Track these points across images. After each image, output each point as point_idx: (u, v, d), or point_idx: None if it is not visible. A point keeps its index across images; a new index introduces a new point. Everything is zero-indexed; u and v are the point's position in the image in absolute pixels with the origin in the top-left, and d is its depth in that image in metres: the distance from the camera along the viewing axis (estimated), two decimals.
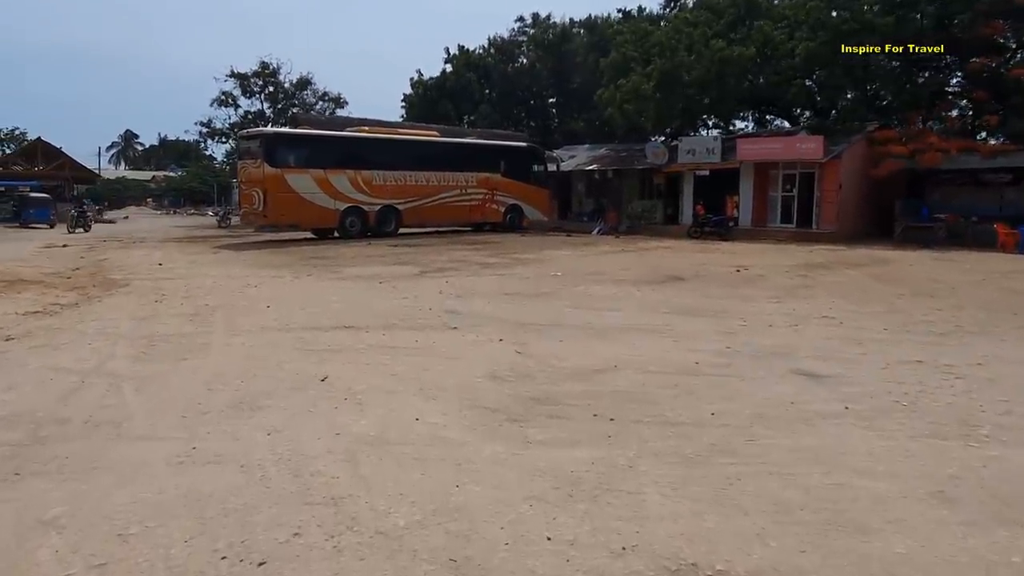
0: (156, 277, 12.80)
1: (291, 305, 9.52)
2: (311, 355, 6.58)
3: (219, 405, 5.03)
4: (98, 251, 19.05)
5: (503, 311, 9.15)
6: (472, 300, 10.07)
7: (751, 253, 17.73)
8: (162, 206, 67.13)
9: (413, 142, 24.30)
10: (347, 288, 11.34)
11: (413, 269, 14.03)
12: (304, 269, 14.05)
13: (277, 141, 21.24)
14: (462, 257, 16.56)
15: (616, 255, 17.34)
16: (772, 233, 23.06)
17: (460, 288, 11.26)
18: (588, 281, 12.20)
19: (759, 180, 24.23)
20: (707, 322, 8.41)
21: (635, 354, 6.70)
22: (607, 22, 37.43)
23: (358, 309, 9.21)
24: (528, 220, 26.93)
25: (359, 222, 22.25)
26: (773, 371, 6.10)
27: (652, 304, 9.78)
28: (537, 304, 9.82)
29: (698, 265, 14.73)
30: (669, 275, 13.05)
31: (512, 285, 11.72)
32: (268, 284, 11.80)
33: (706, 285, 11.78)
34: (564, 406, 5.10)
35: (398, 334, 7.63)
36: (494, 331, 7.79)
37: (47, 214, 31.65)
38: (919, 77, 24.46)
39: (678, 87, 25.85)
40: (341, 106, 42.49)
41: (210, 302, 9.75)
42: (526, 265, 14.87)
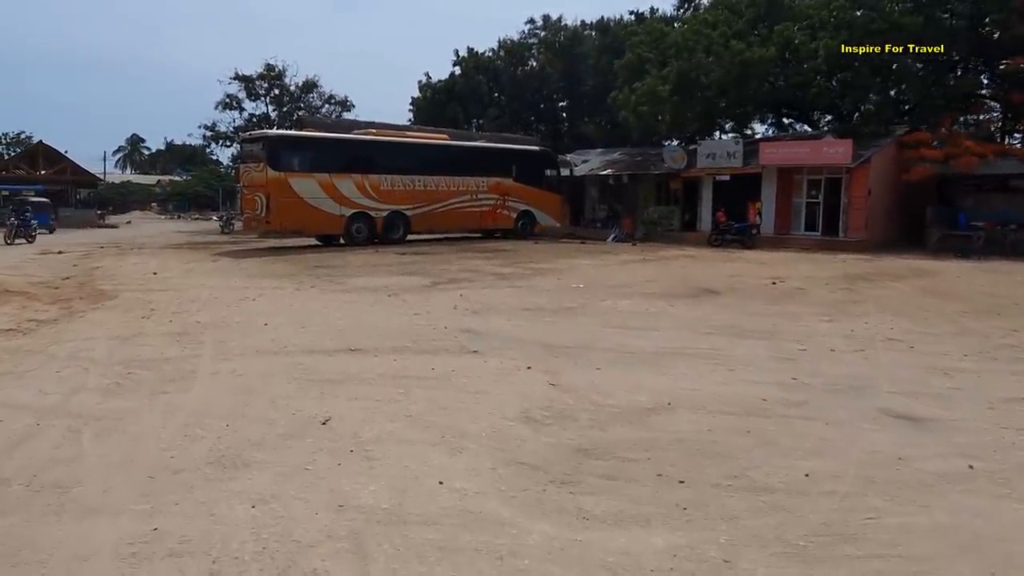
0: (148, 288, 11.90)
1: (291, 322, 8.59)
2: (311, 387, 5.64)
3: (196, 460, 4.08)
4: (93, 258, 18.20)
5: (526, 330, 8.21)
6: (490, 317, 9.13)
7: (780, 263, 16.74)
8: (167, 210, 66.62)
9: (422, 145, 23.36)
10: (353, 302, 10.42)
11: (423, 280, 13.11)
12: (307, 279, 13.14)
13: (281, 144, 20.28)
14: (475, 266, 15.63)
15: (638, 265, 16.37)
16: (796, 241, 22.04)
17: (476, 302, 10.32)
18: (614, 295, 11.25)
19: (782, 186, 23.20)
20: (759, 345, 7.44)
21: (688, 387, 5.74)
22: (620, 24, 36.56)
23: (365, 328, 8.28)
24: (540, 226, 25.97)
25: (366, 228, 21.29)
26: (859, 412, 5.13)
27: (690, 322, 8.82)
28: (562, 322, 8.87)
29: (728, 277, 13.75)
30: (701, 288, 12.08)
31: (532, 299, 10.77)
32: (268, 297, 10.88)
33: (744, 300, 10.81)
34: (619, 461, 4.15)
35: (411, 359, 6.69)
36: (520, 356, 6.84)
37: (46, 219, 30.84)
38: (948, 79, 23.43)
39: (695, 89, 24.90)
40: (348, 109, 41.77)
41: (202, 318, 8.83)
42: (544, 276, 13.93)
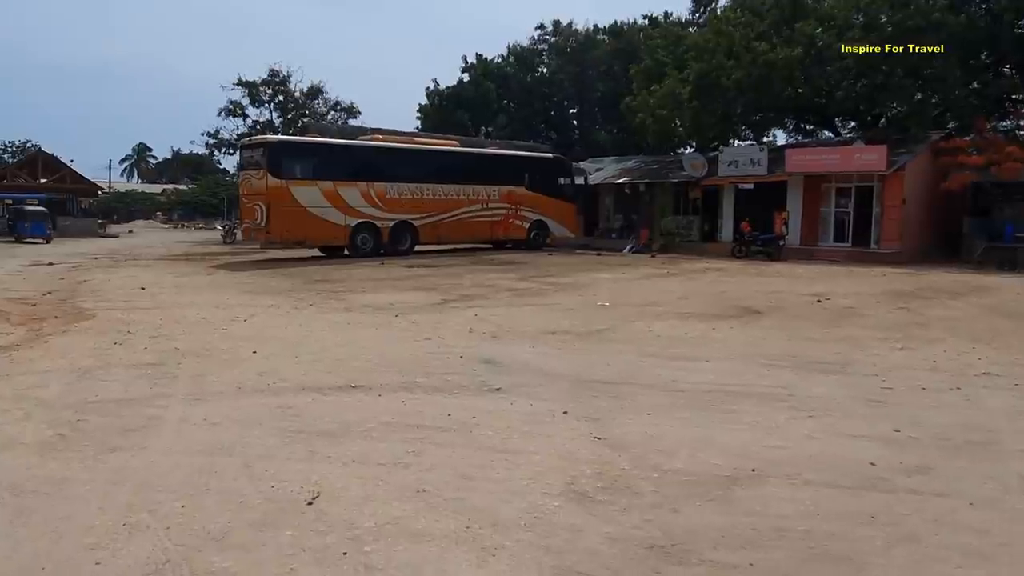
0: (131, 306, 10.83)
1: (283, 350, 7.48)
2: (298, 443, 4.52)
3: (127, 570, 2.96)
4: (83, 271, 17.19)
5: (554, 360, 7.08)
6: (511, 342, 8.01)
7: (816, 277, 15.55)
8: (171, 219, 65.85)
9: (431, 152, 22.32)
10: (355, 323, 9.31)
11: (434, 296, 12.00)
12: (307, 296, 12.04)
13: (282, 150, 19.25)
14: (488, 281, 14.51)
15: (663, 279, 15.22)
16: (825, 253, 20.84)
17: (493, 324, 9.20)
18: (645, 314, 10.11)
19: (809, 195, 22.04)
20: (833, 382, 6.28)
21: (770, 443, 4.60)
22: (634, 28, 35.56)
23: (368, 356, 7.17)
24: (553, 237, 24.87)
25: (371, 239, 20.22)
26: (1001, 482, 3.97)
27: (741, 350, 7.67)
28: (593, 348, 7.73)
29: (766, 293, 12.58)
30: (739, 307, 10.92)
31: (555, 320, 9.64)
32: (261, 318, 9.78)
33: (792, 321, 9.64)
34: (711, 568, 3.01)
35: (422, 400, 5.57)
36: (552, 395, 5.72)
37: (43, 228, 29.97)
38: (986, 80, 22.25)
39: (716, 92, 23.80)
40: (354, 116, 40.78)
41: (183, 344, 7.74)
42: (564, 292, 12.80)
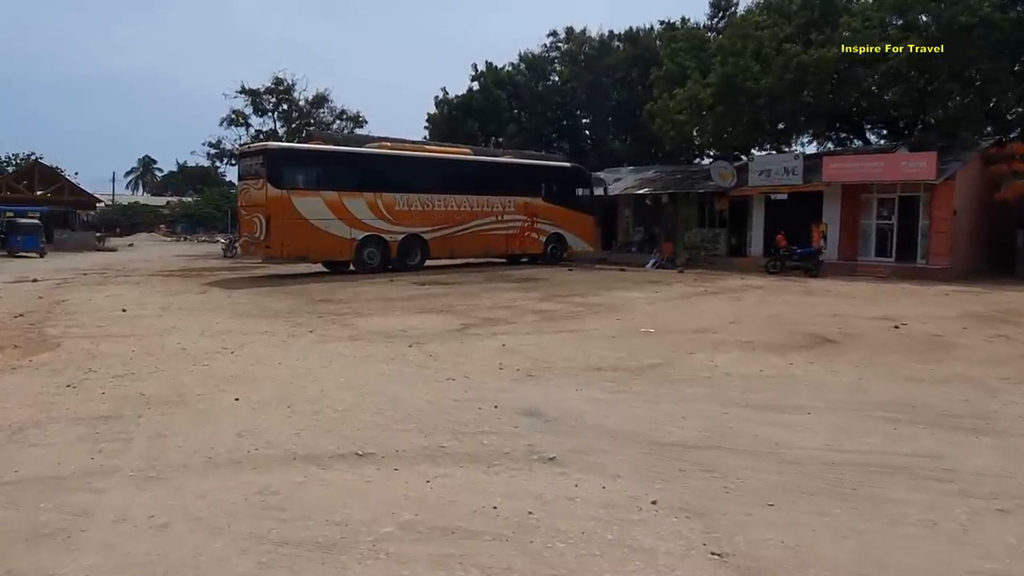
0: (105, 333, 9.42)
1: (274, 396, 6.03)
2: (280, 568, 3.06)
3: None
4: (68, 288, 15.83)
5: (613, 411, 5.61)
6: (553, 383, 6.54)
7: (872, 296, 14.06)
8: (174, 232, 64.76)
9: (443, 160, 20.92)
10: (363, 357, 7.85)
11: (451, 320, 10.54)
12: (306, 320, 10.61)
13: (283, 158, 17.83)
14: (509, 301, 13.05)
15: (703, 299, 13.73)
16: (868, 269, 19.34)
17: (525, 356, 7.74)
18: (701, 344, 8.63)
19: (848, 206, 20.58)
20: (988, 446, 4.80)
21: (977, 564, 3.11)
22: (650, 34, 34.28)
23: (379, 405, 5.72)
24: (571, 251, 23.42)
25: (379, 254, 18.80)
26: None
27: (840, 395, 6.18)
28: (656, 392, 6.26)
29: (827, 316, 11.09)
30: (806, 334, 9.43)
31: (597, 351, 8.17)
32: (252, 348, 8.34)
33: (879, 354, 8.14)
34: None
35: (455, 481, 4.11)
36: (626, 468, 4.26)
37: (35, 242, 28.70)
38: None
39: (742, 97, 22.40)
40: (360, 125, 39.57)
41: (151, 387, 6.29)
42: (598, 314, 11.32)
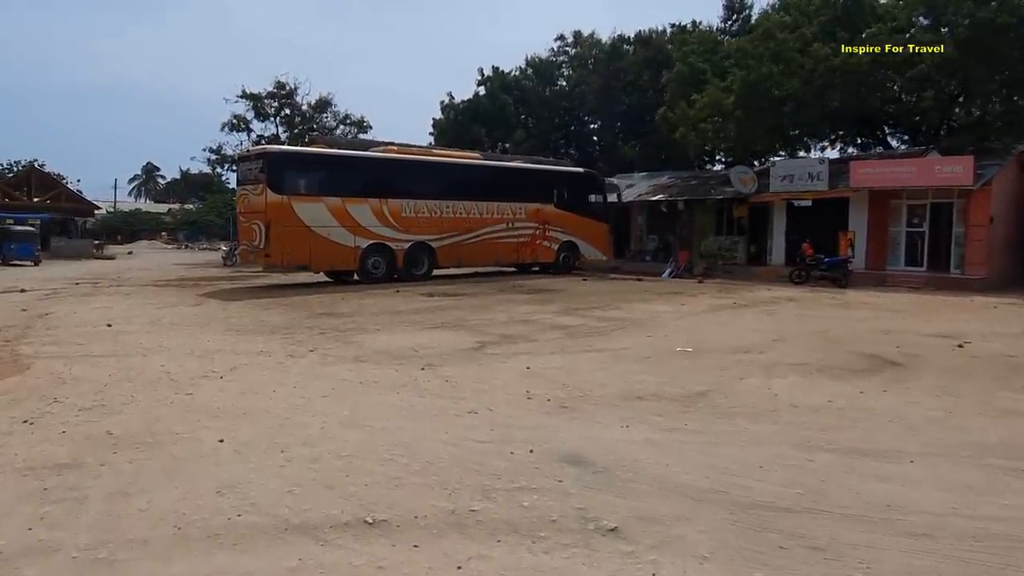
0: (83, 352, 8.48)
1: (266, 436, 5.07)
2: None
3: None
4: (56, 300, 14.93)
5: (671, 455, 4.65)
6: (592, 417, 5.58)
7: (916, 310, 13.08)
8: (176, 240, 64.00)
9: (451, 165, 20.01)
10: (370, 384, 6.89)
11: (466, 337, 9.58)
12: (306, 337, 9.65)
13: (283, 161, 16.88)
14: (526, 314, 12.09)
15: (735, 312, 12.75)
16: (899, 279, 18.35)
17: (555, 382, 6.78)
18: (749, 366, 7.66)
19: (875, 212, 19.62)
20: None
21: None
22: (662, 36, 33.43)
23: (391, 449, 4.75)
24: (583, 260, 22.48)
25: (384, 263, 17.86)
26: None
27: (936, 435, 5.21)
28: (716, 430, 5.29)
29: (878, 333, 10.11)
30: (864, 354, 8.45)
31: (634, 375, 7.21)
32: (244, 372, 7.39)
33: (955, 380, 7.16)
34: None
35: (490, 560, 3.14)
36: (710, 546, 3.29)
37: (30, 250, 27.85)
38: None
39: (765, 102, 21.50)
40: (364, 130, 38.73)
41: (120, 425, 5.34)
42: (625, 330, 10.35)
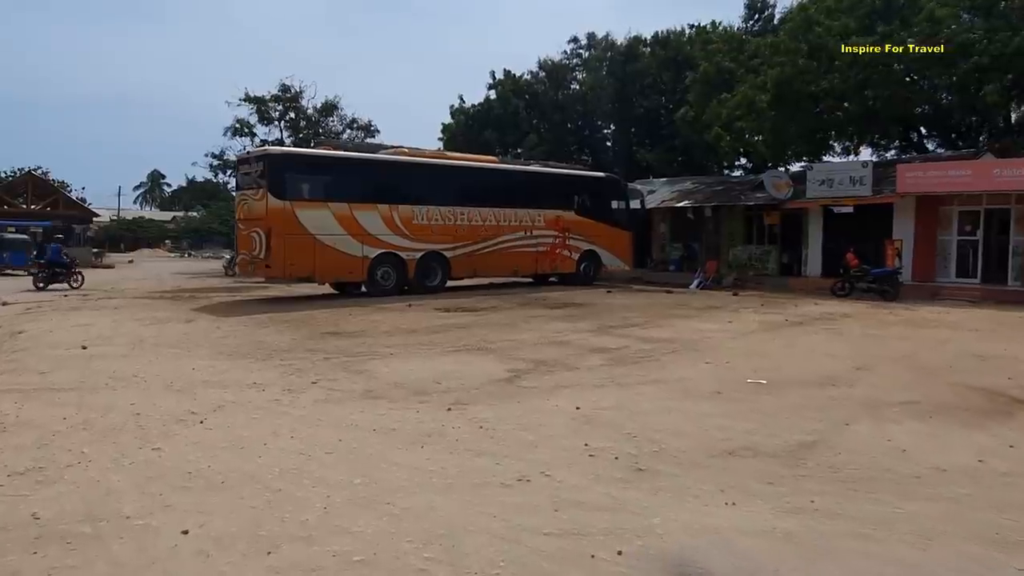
0: (44, 384, 7.15)
1: (248, 524, 3.70)
2: None
3: None
4: (36, 314, 13.68)
5: (814, 562, 3.26)
6: (686, 490, 4.20)
7: (996, 328, 11.66)
8: (180, 248, 63.03)
9: (466, 169, 18.66)
10: (384, 431, 5.51)
11: (494, 364, 8.20)
12: (308, 364, 8.29)
13: (286, 164, 15.53)
14: (556, 333, 10.69)
15: (791, 332, 11.31)
16: (952, 292, 16.91)
17: (615, 429, 5.41)
18: (842, 405, 6.27)
19: (923, 220, 18.20)
20: None
21: None
22: (680, 37, 32.12)
23: (418, 546, 3.38)
24: (605, 270, 21.11)
25: (394, 274, 16.52)
26: None
27: None
28: (857, 511, 3.91)
29: (972, 359, 8.70)
30: (976, 388, 7.05)
31: (710, 418, 5.83)
32: (229, 415, 6.02)
33: None
34: None
35: None
36: None
37: (23, 258, 26.70)
38: None
39: (802, 101, 20.16)
40: (372, 135, 37.50)
41: (53, 503, 3.98)
42: (676, 354, 8.96)
